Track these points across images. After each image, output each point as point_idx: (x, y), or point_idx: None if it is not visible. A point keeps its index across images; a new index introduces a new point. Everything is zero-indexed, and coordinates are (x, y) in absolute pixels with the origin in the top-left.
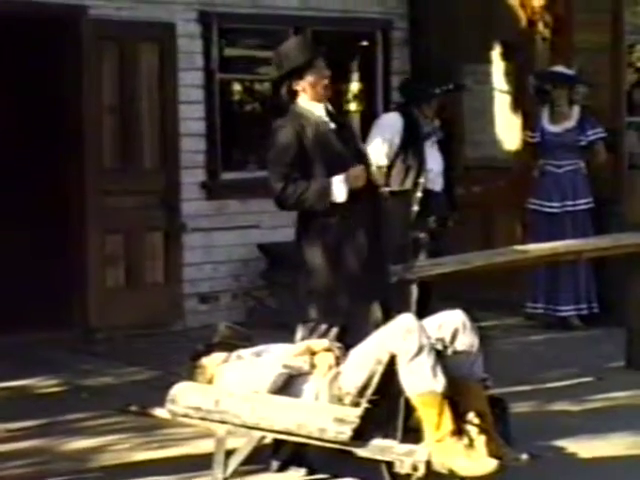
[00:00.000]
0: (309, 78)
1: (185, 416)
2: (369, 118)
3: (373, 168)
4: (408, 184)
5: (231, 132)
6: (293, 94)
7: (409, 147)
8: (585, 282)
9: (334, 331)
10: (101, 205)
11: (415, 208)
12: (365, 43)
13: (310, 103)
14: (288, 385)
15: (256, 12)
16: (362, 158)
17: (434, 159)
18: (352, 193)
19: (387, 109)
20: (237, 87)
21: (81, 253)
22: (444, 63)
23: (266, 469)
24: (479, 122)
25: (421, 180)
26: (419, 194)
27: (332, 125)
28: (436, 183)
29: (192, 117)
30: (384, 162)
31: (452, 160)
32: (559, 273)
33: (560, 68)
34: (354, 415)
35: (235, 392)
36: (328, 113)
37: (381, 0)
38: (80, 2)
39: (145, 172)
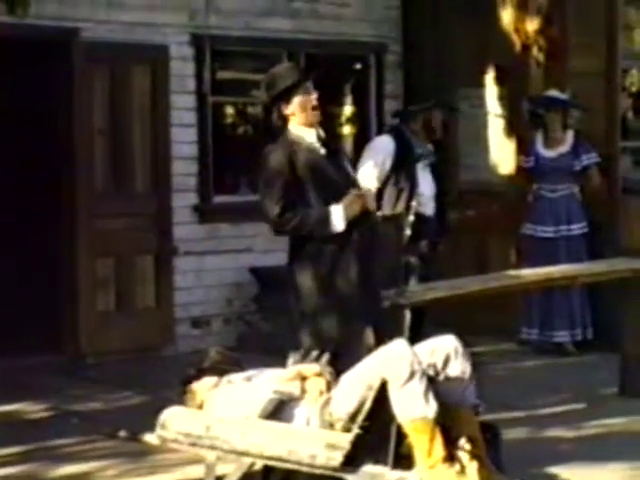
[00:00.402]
0: (297, 100)
1: (175, 442)
2: (362, 141)
3: (368, 193)
4: (400, 207)
5: (223, 155)
6: (284, 119)
7: (401, 170)
8: (580, 307)
9: (326, 356)
10: (92, 228)
11: (407, 232)
12: (358, 66)
13: (301, 128)
14: (279, 410)
15: (249, 35)
16: (354, 183)
17: (426, 182)
18: (349, 221)
19: (380, 132)
20: (230, 110)
21: (72, 276)
22: (438, 87)
23: None
24: (473, 146)
25: (413, 203)
26: (411, 218)
27: (323, 151)
28: (428, 207)
29: (184, 140)
30: (375, 185)
31: (446, 184)
32: (553, 298)
33: (554, 92)
34: (345, 441)
35: (225, 417)
36: (319, 139)
37: (375, 23)
38: (72, 24)
39: (137, 195)
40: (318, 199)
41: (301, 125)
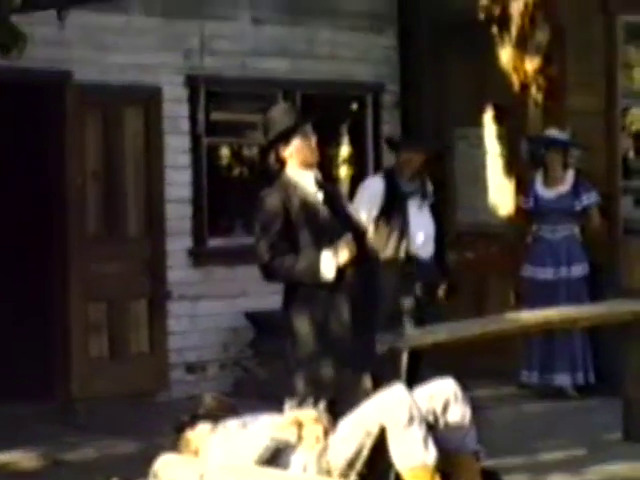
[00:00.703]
0: (296, 142)
1: None
2: (359, 183)
3: (364, 236)
4: (390, 249)
5: (218, 198)
6: (281, 162)
7: (392, 211)
8: (581, 350)
9: (322, 403)
10: (85, 272)
11: (401, 274)
12: (355, 106)
13: (298, 171)
14: (275, 457)
15: (244, 76)
16: (353, 227)
17: (422, 224)
18: (340, 268)
19: (376, 173)
20: (225, 152)
21: (64, 321)
22: (435, 126)
23: None
24: (471, 186)
25: (402, 245)
26: (401, 258)
27: (320, 195)
28: (424, 249)
29: (178, 182)
30: (366, 227)
31: (444, 225)
32: (554, 341)
33: (553, 132)
34: None
35: (220, 465)
36: (316, 182)
37: (372, 63)
38: (65, 67)
39: (130, 239)
40: (313, 245)
41: (299, 168)
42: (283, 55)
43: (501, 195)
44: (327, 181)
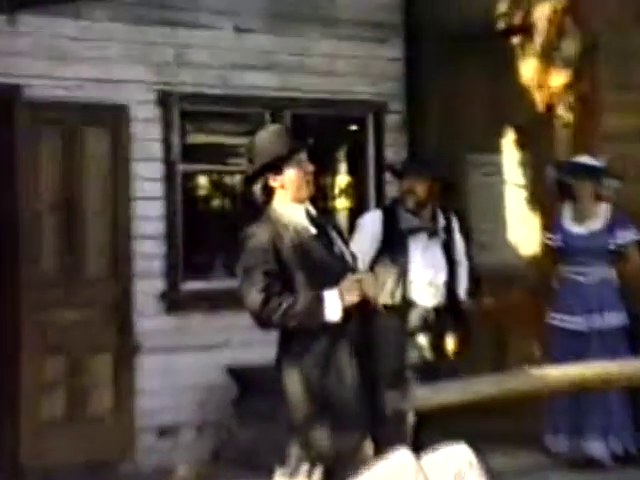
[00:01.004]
0: (289, 173)
1: None
2: (359, 217)
3: (368, 277)
4: (387, 294)
5: (195, 233)
6: (269, 193)
7: (390, 250)
8: (618, 412)
9: (318, 472)
10: (38, 320)
11: (406, 323)
12: (354, 128)
13: (289, 205)
14: None
15: (226, 93)
16: (352, 267)
17: (429, 264)
18: (345, 310)
19: (379, 206)
20: (202, 181)
21: (14, 377)
22: (446, 151)
23: None
24: (489, 222)
25: (399, 289)
26: (398, 304)
27: (313, 230)
28: (429, 293)
29: (149, 216)
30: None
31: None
32: (586, 400)
33: (584, 158)
34: None
35: None
36: (309, 216)
37: (373, 78)
38: (14, 81)
39: (92, 281)
40: (308, 287)
41: (290, 201)
42: (271, 69)
43: (523, 232)
44: (321, 214)
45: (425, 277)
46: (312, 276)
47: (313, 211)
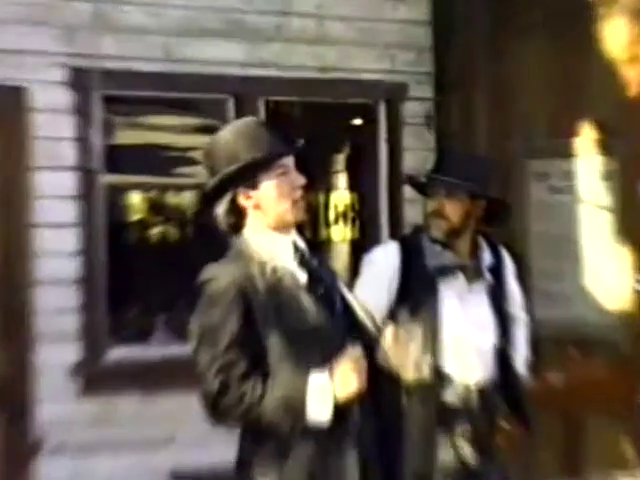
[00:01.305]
0: (268, 187)
1: None
2: (364, 253)
3: (383, 346)
4: (412, 366)
5: (126, 277)
6: (239, 216)
7: (413, 301)
8: None
9: None
10: None
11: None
12: (358, 123)
13: (268, 234)
14: None
15: (171, 70)
16: (360, 332)
17: (471, 319)
18: (341, 403)
19: (394, 236)
20: (136, 199)
21: None
22: (494, 157)
23: None
24: (557, 259)
25: (428, 357)
26: (429, 380)
27: (302, 275)
28: (472, 364)
29: (57, 250)
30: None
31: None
32: None
33: None
34: None
35: None
36: (297, 253)
37: (386, 50)
38: None
39: None
40: (292, 362)
41: (270, 228)
42: (236, 35)
43: (607, 275)
44: (313, 250)
45: (465, 340)
46: (299, 347)
47: (303, 245)
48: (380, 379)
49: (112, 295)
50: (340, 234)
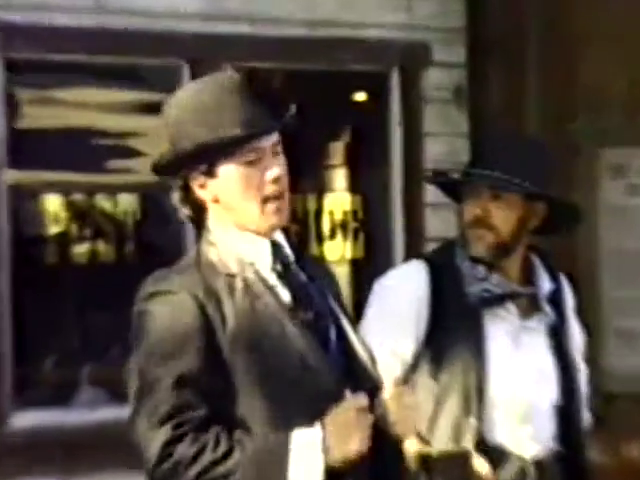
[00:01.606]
0: (229, 177)
1: None
2: (372, 274)
3: (386, 397)
4: (445, 433)
5: (37, 314)
6: (197, 210)
7: (446, 340)
8: None
9: None
10: None
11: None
12: (362, 98)
13: (237, 235)
14: None
15: (102, 25)
16: (362, 373)
17: (528, 369)
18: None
19: (412, 254)
20: (52, 203)
21: None
22: (552, 145)
23: None
24: (635, 286)
25: (471, 420)
26: (470, 453)
27: (286, 295)
28: (531, 430)
29: None
30: (395, 375)
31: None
32: None
33: None
34: None
35: None
36: (279, 263)
37: (403, 2)
38: None
39: None
40: (270, 412)
41: (241, 229)
42: None
43: None
44: (302, 256)
45: (520, 396)
46: (276, 393)
47: (288, 251)
48: (382, 441)
49: (18, 340)
50: (337, 252)
